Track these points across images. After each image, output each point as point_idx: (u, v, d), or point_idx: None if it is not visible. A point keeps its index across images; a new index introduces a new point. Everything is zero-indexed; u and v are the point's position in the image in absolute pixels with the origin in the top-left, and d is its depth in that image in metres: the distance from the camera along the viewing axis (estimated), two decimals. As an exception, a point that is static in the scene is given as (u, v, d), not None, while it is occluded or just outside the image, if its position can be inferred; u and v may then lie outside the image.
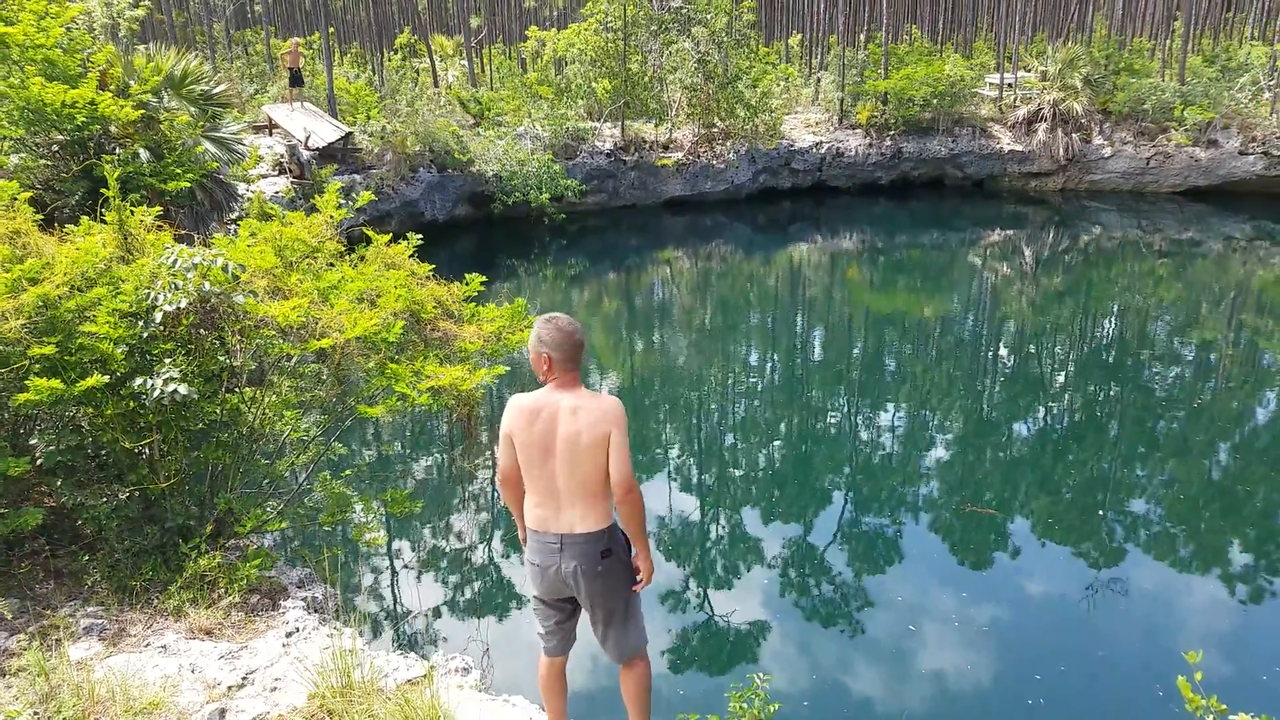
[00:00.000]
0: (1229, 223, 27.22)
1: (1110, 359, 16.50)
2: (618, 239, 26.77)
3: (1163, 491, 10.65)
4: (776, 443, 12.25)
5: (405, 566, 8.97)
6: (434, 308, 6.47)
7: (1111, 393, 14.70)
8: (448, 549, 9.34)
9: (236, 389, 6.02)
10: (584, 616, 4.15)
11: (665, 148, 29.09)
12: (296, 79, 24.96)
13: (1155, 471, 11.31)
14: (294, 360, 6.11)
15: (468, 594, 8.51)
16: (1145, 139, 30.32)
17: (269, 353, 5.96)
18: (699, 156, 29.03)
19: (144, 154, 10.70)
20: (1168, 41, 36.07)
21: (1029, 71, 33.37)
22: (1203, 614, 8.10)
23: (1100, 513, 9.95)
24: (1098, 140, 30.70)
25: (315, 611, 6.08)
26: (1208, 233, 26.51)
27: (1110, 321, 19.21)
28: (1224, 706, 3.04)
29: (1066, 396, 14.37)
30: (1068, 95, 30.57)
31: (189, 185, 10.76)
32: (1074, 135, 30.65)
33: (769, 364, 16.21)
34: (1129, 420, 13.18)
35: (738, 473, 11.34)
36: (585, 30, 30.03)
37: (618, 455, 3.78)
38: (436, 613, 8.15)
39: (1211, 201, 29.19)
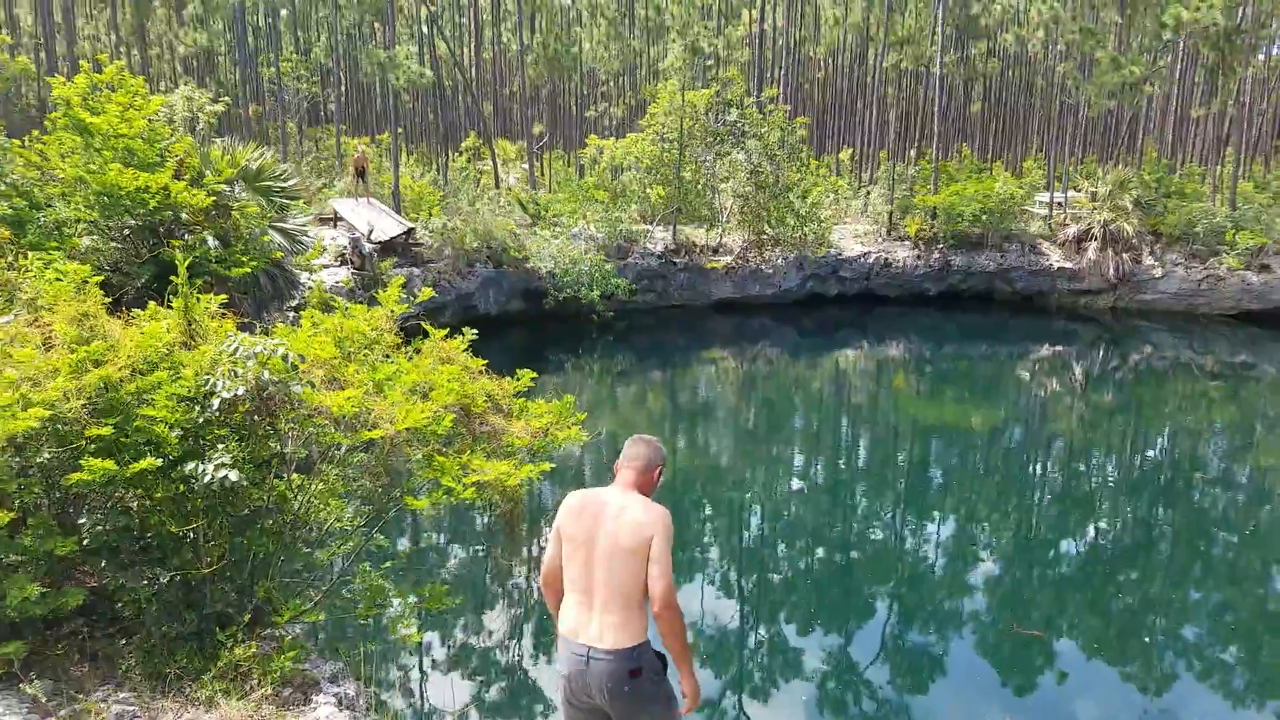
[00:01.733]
0: (1284, 348, 26.71)
1: (1161, 480, 16.04)
2: (666, 337, 26.98)
3: (1213, 618, 10.18)
4: (819, 551, 11.97)
5: (439, 664, 8.80)
6: (484, 402, 6.51)
7: (1161, 514, 14.23)
8: (484, 648, 9.17)
9: (285, 476, 6.05)
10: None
11: (715, 251, 29.54)
12: (361, 178, 26.02)
13: (1206, 597, 10.85)
14: (344, 450, 6.15)
15: (501, 695, 8.30)
16: (1197, 261, 30.09)
17: (320, 441, 6.01)
18: (748, 261, 29.40)
19: (212, 241, 11.09)
20: (1218, 168, 36.13)
21: (1079, 191, 33.56)
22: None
23: (1149, 638, 9.52)
24: (1148, 261, 30.53)
25: (347, 709, 5.95)
26: (1260, 356, 26.00)
27: (1161, 442, 18.74)
28: None
29: (1116, 516, 13.93)
30: (1118, 216, 30.58)
31: (253, 272, 11.10)
32: (1124, 255, 30.52)
33: (813, 469, 15.98)
34: (1180, 543, 12.72)
35: (777, 579, 11.08)
36: (642, 140, 30.97)
37: (659, 564, 3.67)
38: (469, 713, 7.95)
39: (1265, 325, 28.69)
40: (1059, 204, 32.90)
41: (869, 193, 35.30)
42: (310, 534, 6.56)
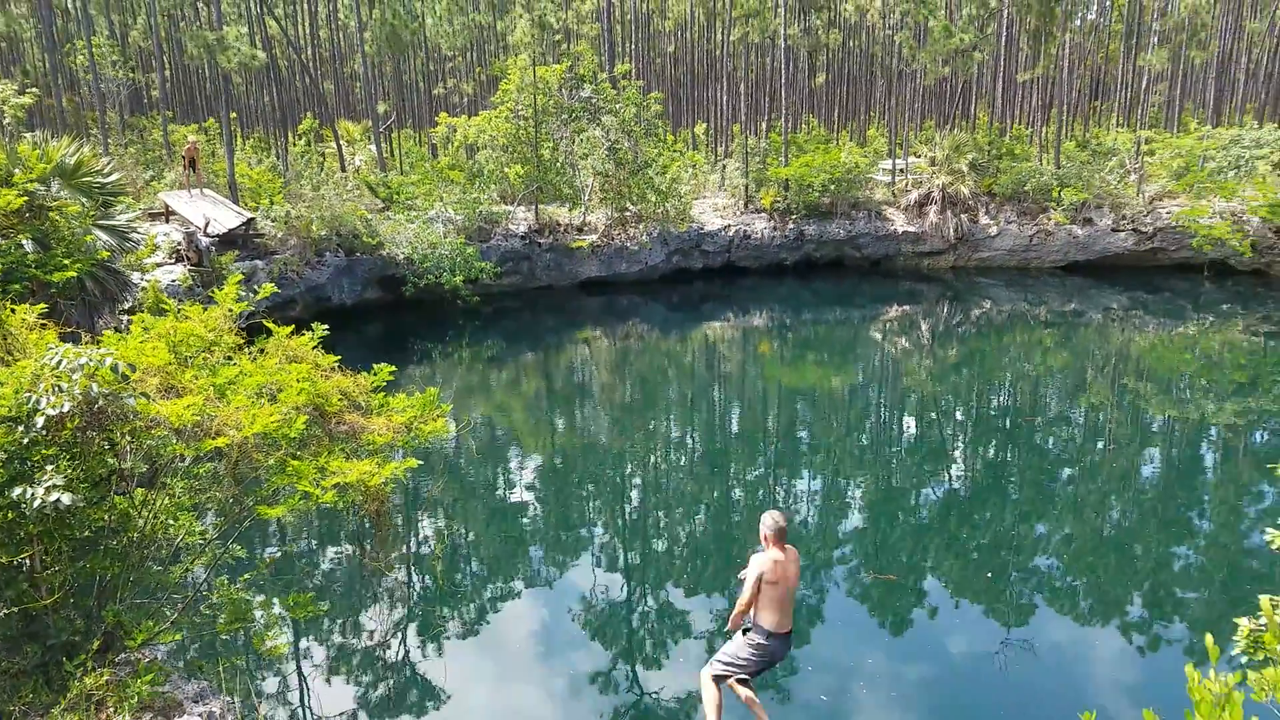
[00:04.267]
0: (1107, 294, 28.94)
1: (1004, 424, 17.16)
2: (534, 320, 26.77)
3: (1059, 548, 11.01)
4: (698, 516, 12.24)
5: (313, 671, 8.51)
6: (339, 400, 6.29)
7: (1007, 456, 15.25)
8: (358, 651, 8.93)
9: (126, 493, 5.69)
10: None
11: (579, 230, 29.45)
12: (193, 167, 24.56)
13: (1051, 529, 11.70)
14: (188, 461, 5.83)
15: (379, 696, 8.11)
16: (1028, 218, 32.16)
17: (161, 453, 5.68)
18: (612, 239, 29.45)
19: (28, 244, 10.27)
20: (1044, 129, 38.55)
21: (919, 158, 35.17)
22: (1101, 665, 8.35)
23: (1002, 571, 10.18)
24: (984, 220, 32.39)
25: (212, 729, 5.70)
26: (1087, 304, 28.10)
27: (1003, 389, 20.03)
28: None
29: (965, 461, 14.82)
30: (955, 179, 32.29)
31: (77, 276, 10.35)
32: (962, 216, 32.29)
33: (688, 438, 16.26)
34: (1025, 482, 13.68)
35: (661, 546, 11.28)
36: (496, 117, 30.45)
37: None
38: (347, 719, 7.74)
39: (1090, 275, 31.08)
40: (901, 170, 34.40)
41: (725, 166, 35.93)
42: (160, 551, 6.21)
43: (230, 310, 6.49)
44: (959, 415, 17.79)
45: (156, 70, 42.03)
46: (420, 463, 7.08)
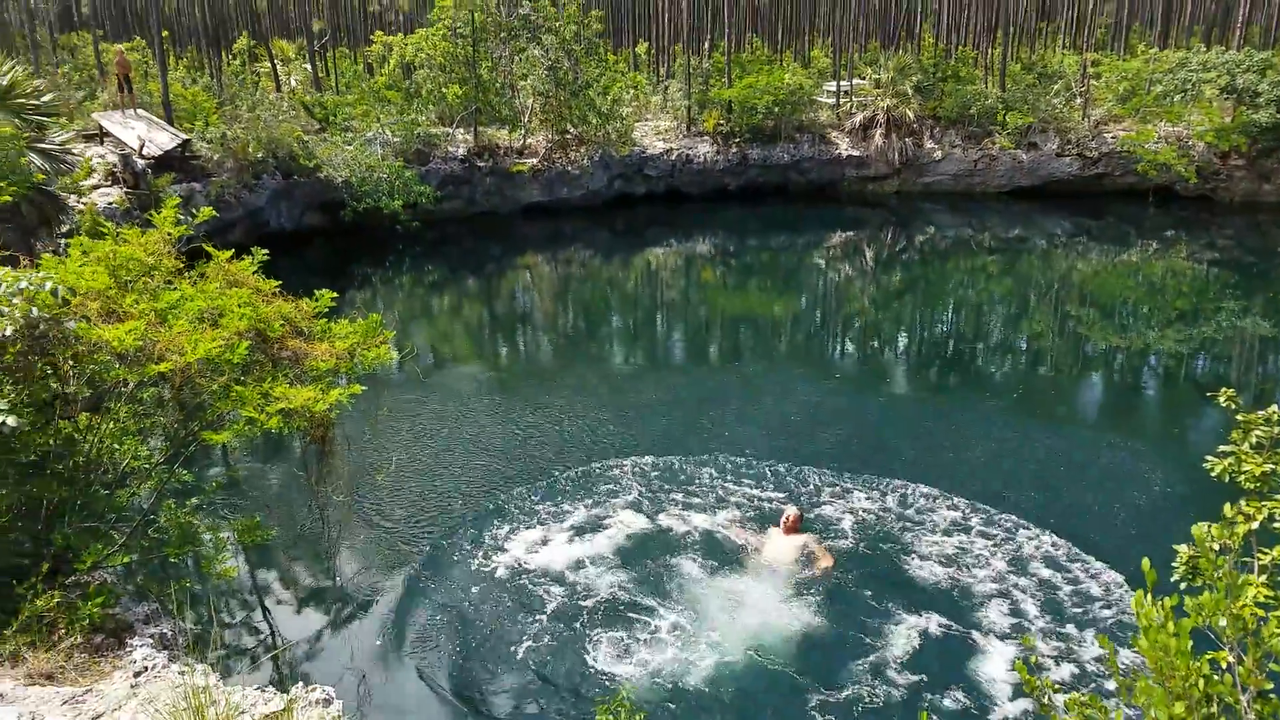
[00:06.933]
0: (1051, 220, 29.46)
1: (947, 352, 17.61)
2: (476, 246, 26.52)
3: (992, 478, 11.41)
4: (640, 442, 12.45)
5: (261, 596, 8.66)
6: (281, 326, 6.31)
7: (949, 381, 15.71)
8: (305, 576, 9.09)
9: (70, 417, 5.70)
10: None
11: (520, 154, 29.01)
12: (126, 88, 23.55)
13: (988, 458, 12.11)
14: (132, 385, 5.83)
15: (326, 622, 8.31)
16: (972, 143, 32.41)
17: (105, 378, 5.68)
18: (554, 163, 29.08)
19: (-47, 168, 9.91)
20: (990, 50, 38.59)
21: (863, 80, 35.06)
22: (1037, 586, 8.79)
23: (952, 495, 10.60)
24: (929, 144, 32.58)
25: (165, 649, 5.84)
26: (1031, 229, 28.62)
27: (946, 315, 20.48)
28: (1058, 686, 3.37)
29: (908, 386, 15.27)
30: (900, 102, 32.31)
31: (13, 200, 10.04)
32: (907, 140, 32.42)
33: (631, 367, 16.46)
34: (966, 405, 14.13)
35: (605, 470, 11.45)
36: (433, 35, 29.58)
37: None
38: (295, 643, 7.93)
39: (1035, 200, 31.47)
40: (845, 93, 34.30)
41: (667, 88, 35.43)
42: (106, 475, 6.25)
43: (169, 234, 6.42)
44: (900, 343, 18.17)
45: (77, -18, 39.86)
46: (364, 389, 7.15)
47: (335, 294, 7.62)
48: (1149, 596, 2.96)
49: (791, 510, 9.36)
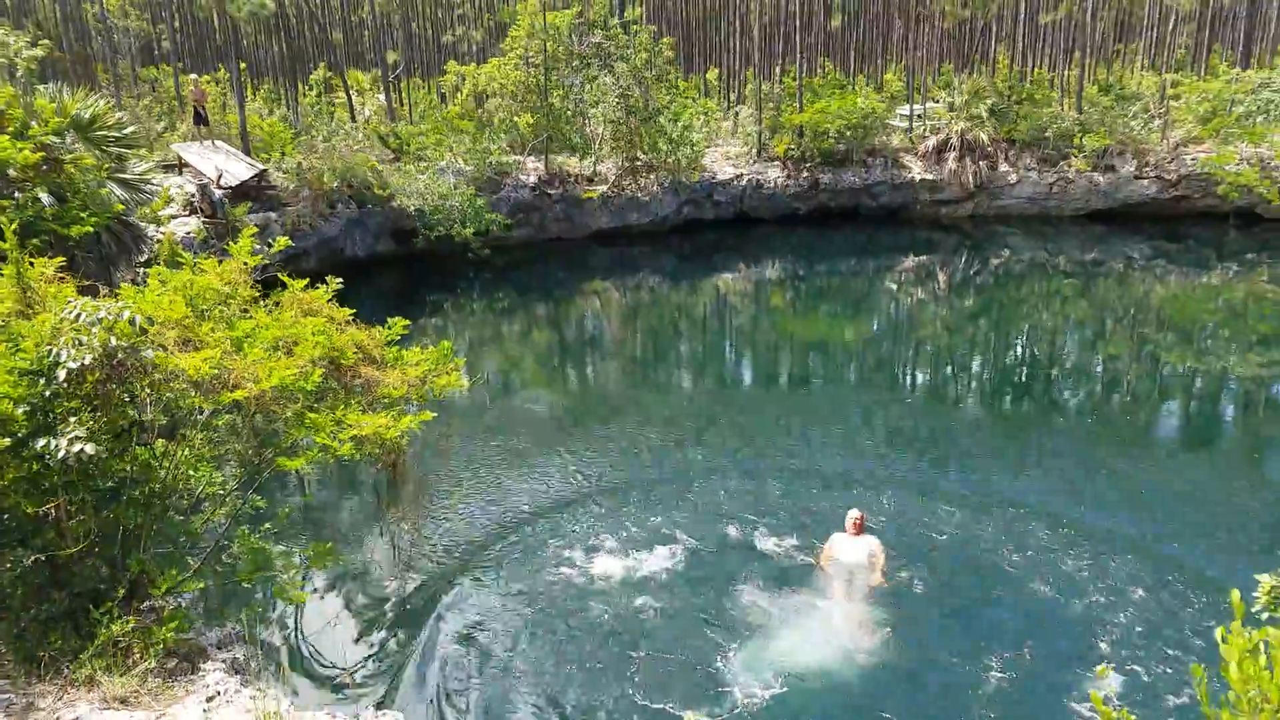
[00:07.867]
0: (1128, 243, 28.55)
1: (1022, 377, 17.07)
2: (545, 271, 26.72)
3: (1071, 504, 10.94)
4: (713, 467, 12.25)
5: (332, 621, 8.68)
6: (354, 353, 6.33)
7: (1024, 409, 15.20)
8: (375, 601, 9.09)
9: (147, 444, 5.78)
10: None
11: (590, 180, 29.22)
12: (200, 118, 24.36)
13: (1066, 486, 11.64)
14: (208, 413, 5.90)
15: (396, 646, 8.28)
16: (1048, 166, 31.64)
17: (180, 406, 5.75)
18: (623, 189, 29.22)
19: (45, 198, 10.29)
20: (1066, 72, 37.76)
21: (937, 103, 34.54)
22: (1121, 616, 8.35)
23: (1035, 526, 10.19)
24: (1003, 167, 31.90)
25: (237, 673, 5.85)
26: (1109, 253, 27.75)
27: (1021, 339, 19.91)
28: (1133, 717, 3.19)
29: (982, 412, 14.80)
30: (974, 125, 31.73)
31: (94, 229, 10.39)
32: (981, 163, 31.79)
33: (700, 391, 16.29)
34: (1040, 435, 13.64)
35: (679, 502, 11.27)
36: (506, 65, 30.08)
37: None
38: (366, 667, 7.91)
39: (1111, 223, 30.61)
40: (919, 116, 33.82)
41: (737, 113, 35.41)
42: (181, 501, 6.32)
43: (245, 263, 6.52)
44: (975, 367, 17.72)
45: (166, 21, 41.64)
46: (435, 415, 7.14)
47: (407, 321, 7.65)
48: (1239, 625, 2.86)
49: (855, 511, 9.26)
